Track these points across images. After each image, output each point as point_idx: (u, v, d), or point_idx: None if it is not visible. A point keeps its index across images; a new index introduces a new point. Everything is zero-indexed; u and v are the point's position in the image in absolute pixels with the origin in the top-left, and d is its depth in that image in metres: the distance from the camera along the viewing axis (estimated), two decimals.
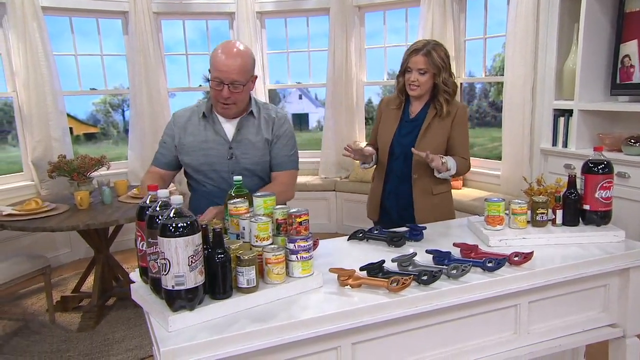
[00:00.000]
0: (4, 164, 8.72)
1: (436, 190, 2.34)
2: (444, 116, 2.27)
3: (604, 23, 3.30)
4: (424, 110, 2.32)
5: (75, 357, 2.88)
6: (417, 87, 2.24)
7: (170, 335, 1.19)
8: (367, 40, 5.26)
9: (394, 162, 2.35)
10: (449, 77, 2.25)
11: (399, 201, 2.36)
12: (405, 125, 2.34)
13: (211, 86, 1.95)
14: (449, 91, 2.26)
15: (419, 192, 2.31)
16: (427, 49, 2.20)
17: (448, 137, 2.30)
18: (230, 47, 1.94)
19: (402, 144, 2.32)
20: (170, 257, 1.18)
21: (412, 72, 2.23)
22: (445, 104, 2.26)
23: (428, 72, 2.21)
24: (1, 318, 3.43)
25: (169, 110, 5.17)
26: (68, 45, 4.89)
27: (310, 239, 1.43)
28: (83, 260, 4.46)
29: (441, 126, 2.28)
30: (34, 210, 3.15)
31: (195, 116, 2.09)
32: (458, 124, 2.30)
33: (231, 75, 1.90)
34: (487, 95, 8.53)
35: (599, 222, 1.80)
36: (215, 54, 1.94)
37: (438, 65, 2.20)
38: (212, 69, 1.93)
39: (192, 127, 2.07)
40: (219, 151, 2.05)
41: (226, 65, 1.89)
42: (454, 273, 1.46)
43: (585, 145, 3.41)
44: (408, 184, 2.32)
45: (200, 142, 2.05)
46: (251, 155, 2.06)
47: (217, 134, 2.05)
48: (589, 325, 1.70)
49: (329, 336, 1.30)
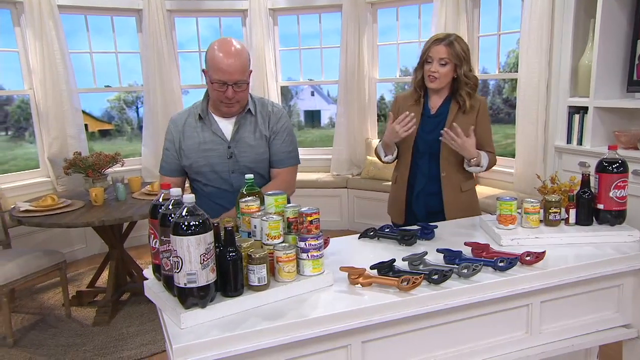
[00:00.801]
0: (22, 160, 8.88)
1: (465, 186, 2.27)
2: (467, 111, 2.20)
3: (621, 19, 3.25)
4: (445, 105, 2.24)
5: (90, 351, 2.92)
6: (437, 79, 2.17)
7: (182, 332, 1.20)
8: (379, 37, 5.24)
9: (419, 160, 2.26)
10: (470, 71, 2.19)
11: (428, 201, 2.27)
12: (427, 121, 2.25)
13: (213, 88, 1.90)
14: (470, 84, 2.19)
15: (449, 189, 2.24)
16: (449, 40, 2.14)
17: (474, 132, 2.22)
18: (227, 46, 1.87)
19: (427, 141, 2.23)
20: (183, 255, 1.19)
21: (432, 62, 2.16)
22: (468, 98, 2.19)
23: (449, 64, 2.14)
24: (19, 312, 3.50)
25: (182, 107, 5.21)
26: (83, 43, 4.96)
27: (320, 238, 1.43)
28: (98, 255, 4.52)
29: (466, 121, 2.19)
30: (50, 206, 3.20)
31: (191, 118, 2.05)
32: (482, 117, 2.24)
33: (234, 76, 1.86)
34: (501, 91, 8.46)
35: (613, 221, 1.78)
36: (213, 54, 1.86)
37: (460, 56, 2.14)
38: (213, 70, 1.86)
39: (189, 129, 2.04)
40: (218, 151, 2.02)
41: (228, 65, 1.84)
42: (464, 272, 1.46)
43: (601, 143, 3.36)
44: (437, 183, 2.24)
45: (198, 143, 2.02)
46: (251, 153, 2.03)
47: (215, 134, 2.03)
48: (603, 325, 1.68)
49: (339, 334, 1.31)
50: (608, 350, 2.18)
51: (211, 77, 1.88)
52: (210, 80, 1.90)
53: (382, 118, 5.62)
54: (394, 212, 2.39)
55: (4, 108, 9.70)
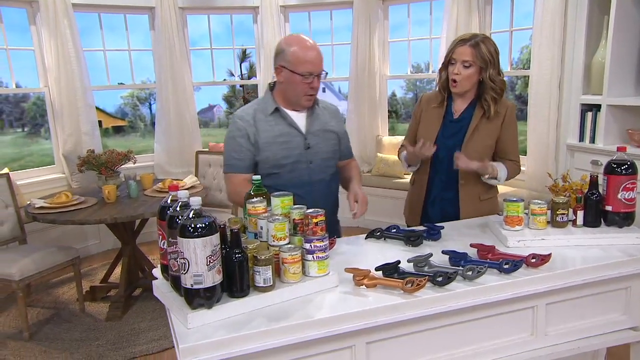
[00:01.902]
0: (37, 156, 9.03)
1: (484, 196, 2.21)
2: (492, 117, 2.12)
3: (635, 16, 3.20)
4: (469, 110, 2.17)
5: (103, 345, 2.98)
6: (458, 82, 2.09)
7: (189, 332, 1.23)
8: (390, 33, 5.22)
9: (438, 165, 2.21)
10: (497, 75, 2.09)
11: (445, 208, 2.22)
12: (449, 125, 2.18)
13: (299, 81, 1.96)
14: (496, 89, 2.10)
15: (467, 198, 2.18)
16: (475, 40, 2.05)
17: (497, 139, 2.17)
18: (305, 41, 1.98)
19: (447, 146, 2.16)
20: (189, 257, 1.22)
21: (456, 64, 2.07)
22: (493, 104, 2.10)
23: (474, 66, 2.06)
24: (35, 306, 3.57)
25: (194, 104, 5.26)
26: (97, 40, 5.02)
27: (326, 239, 1.45)
28: (111, 251, 4.60)
29: (489, 127, 2.14)
30: (64, 203, 3.26)
31: (259, 114, 2.06)
32: (508, 124, 2.15)
33: (319, 66, 1.97)
34: (514, 88, 8.36)
35: (621, 223, 1.78)
36: (294, 50, 1.94)
37: (486, 59, 2.05)
38: (299, 64, 1.94)
39: (262, 124, 2.05)
40: (296, 143, 2.05)
41: (314, 57, 1.95)
42: (469, 274, 1.46)
43: (614, 141, 3.33)
44: (454, 190, 2.19)
45: (275, 136, 2.04)
46: (324, 145, 2.11)
47: (291, 126, 2.06)
48: (609, 328, 1.68)
49: (344, 335, 1.33)
50: (617, 351, 2.17)
51: (297, 70, 1.94)
52: (296, 74, 1.95)
53: (394, 115, 5.60)
54: (410, 215, 2.36)
55: (21, 105, 9.86)
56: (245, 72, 7.89)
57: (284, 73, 1.99)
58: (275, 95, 2.09)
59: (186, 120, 5.11)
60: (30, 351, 2.95)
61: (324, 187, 2.12)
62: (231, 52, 5.99)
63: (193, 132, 5.18)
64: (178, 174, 4.96)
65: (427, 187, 2.25)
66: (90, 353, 2.90)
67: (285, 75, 1.99)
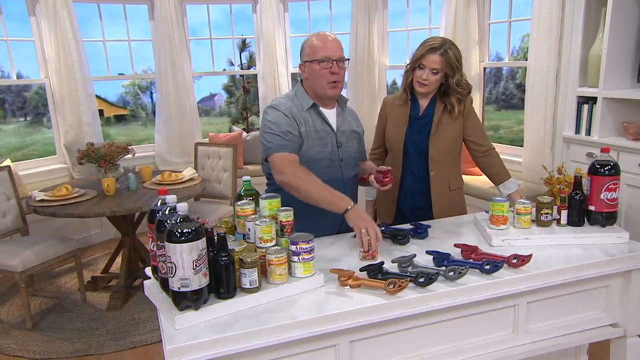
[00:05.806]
0: (40, 145, 9.09)
1: (453, 185, 2.33)
2: (455, 114, 2.24)
3: (633, 8, 3.19)
4: (431, 106, 2.29)
5: (104, 335, 3.06)
6: (426, 86, 2.20)
7: (176, 333, 1.28)
8: (390, 22, 5.20)
9: (408, 161, 2.31)
10: (462, 78, 2.20)
11: (416, 200, 2.33)
12: (415, 122, 2.29)
13: (319, 69, 1.97)
14: (462, 92, 2.22)
15: (437, 188, 2.29)
16: (444, 49, 2.14)
17: (463, 129, 2.28)
18: (323, 33, 2.02)
19: (416, 141, 2.28)
20: (176, 261, 1.26)
21: (424, 69, 2.17)
22: (457, 104, 2.22)
23: (441, 72, 2.17)
24: (38, 295, 3.66)
25: (194, 94, 5.28)
26: (96, 31, 5.03)
27: (312, 242, 1.49)
28: (113, 240, 4.67)
29: (452, 120, 2.25)
30: (64, 196, 3.31)
31: (295, 109, 2.05)
32: (469, 114, 2.28)
33: (338, 52, 1.99)
34: (514, 76, 8.31)
35: (604, 222, 1.81)
36: (313, 42, 2.00)
37: (453, 66, 2.15)
38: (317, 51, 1.97)
39: (300, 117, 2.04)
40: (330, 139, 2.08)
41: (332, 43, 1.99)
42: (450, 275, 1.50)
43: (609, 134, 3.34)
44: (425, 182, 2.30)
45: (312, 131, 2.04)
46: (353, 143, 2.16)
47: (325, 122, 2.08)
48: (590, 324, 1.72)
49: (328, 335, 1.37)
50: (597, 352, 2.21)
51: (316, 57, 1.97)
52: (314, 62, 1.97)
53: None
54: (384, 211, 2.44)
55: (23, 94, 9.88)
56: (245, 61, 7.87)
57: (306, 68, 2.03)
58: (312, 90, 2.09)
59: (186, 110, 5.14)
60: (33, 340, 3.04)
61: (354, 185, 2.18)
62: (230, 42, 5.98)
63: (193, 122, 5.21)
64: (178, 164, 5.01)
65: (401, 183, 2.35)
66: (91, 342, 2.98)
67: (307, 69, 2.02)
